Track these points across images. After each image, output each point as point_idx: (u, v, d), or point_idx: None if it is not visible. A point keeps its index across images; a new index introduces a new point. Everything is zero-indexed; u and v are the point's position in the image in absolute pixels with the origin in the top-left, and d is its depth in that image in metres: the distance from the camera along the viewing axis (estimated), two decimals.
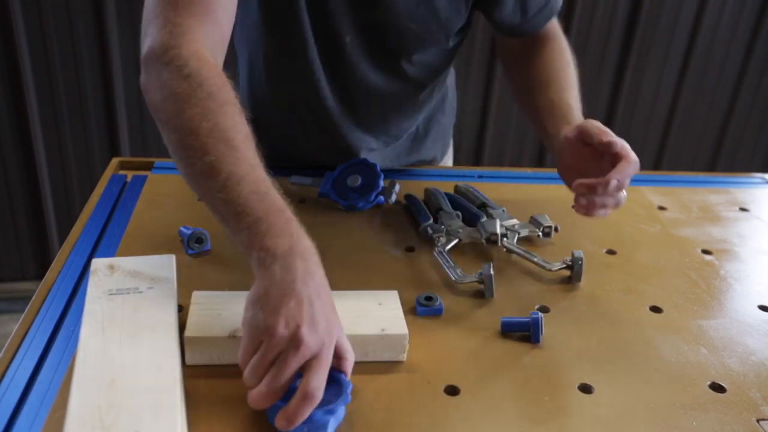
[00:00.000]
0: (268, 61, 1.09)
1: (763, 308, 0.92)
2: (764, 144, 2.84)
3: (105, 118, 2.21)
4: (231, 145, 0.72)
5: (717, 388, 0.77)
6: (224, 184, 0.71)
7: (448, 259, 0.94)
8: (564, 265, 0.94)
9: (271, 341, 0.64)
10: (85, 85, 2.16)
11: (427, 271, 0.94)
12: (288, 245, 0.69)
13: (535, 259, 0.96)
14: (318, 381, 0.63)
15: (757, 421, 0.72)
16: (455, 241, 0.99)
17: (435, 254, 0.96)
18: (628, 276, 0.97)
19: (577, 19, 2.39)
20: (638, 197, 1.20)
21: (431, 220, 1.03)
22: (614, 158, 0.89)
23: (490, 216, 1.03)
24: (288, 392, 0.64)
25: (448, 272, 0.92)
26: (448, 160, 1.36)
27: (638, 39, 2.48)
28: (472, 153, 2.53)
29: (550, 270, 0.94)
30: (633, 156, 0.90)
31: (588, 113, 1.02)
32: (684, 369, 0.79)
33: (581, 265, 0.93)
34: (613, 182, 0.86)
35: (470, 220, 1.04)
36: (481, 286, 0.89)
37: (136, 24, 2.11)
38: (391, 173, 1.21)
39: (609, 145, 0.89)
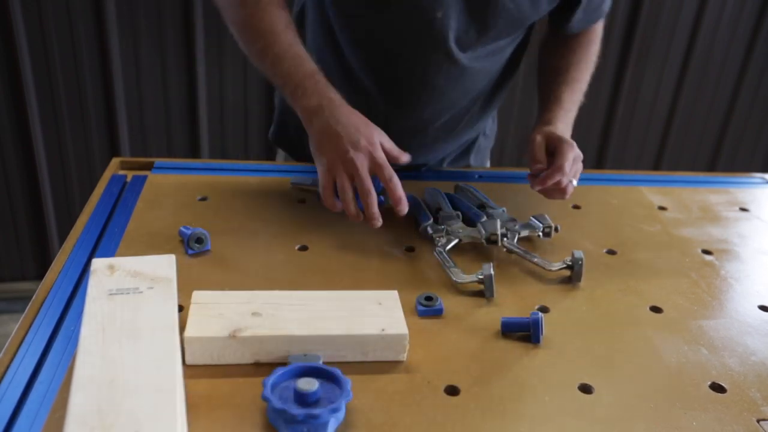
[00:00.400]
0: (345, 26, 1.10)
1: (763, 308, 0.92)
2: (764, 144, 2.84)
3: (105, 118, 2.21)
4: (274, 32, 0.97)
5: (717, 388, 0.77)
6: (272, 63, 0.97)
7: (448, 259, 0.94)
8: (564, 265, 0.94)
9: (338, 173, 0.91)
10: (85, 85, 2.16)
11: (427, 271, 0.94)
12: (317, 102, 0.94)
13: (535, 259, 0.96)
14: (386, 172, 0.91)
15: (758, 421, 0.72)
16: (455, 241, 0.99)
17: (435, 254, 0.96)
18: (628, 276, 0.97)
19: None
20: (638, 197, 1.21)
21: (431, 220, 1.03)
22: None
23: (490, 216, 1.03)
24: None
25: (448, 272, 0.92)
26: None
27: (638, 39, 2.48)
28: None
29: (550, 270, 0.94)
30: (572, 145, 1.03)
31: (588, 113, 1.04)
32: (684, 369, 0.79)
33: (581, 265, 0.93)
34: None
35: (470, 220, 1.04)
36: (481, 286, 0.89)
37: (136, 24, 2.11)
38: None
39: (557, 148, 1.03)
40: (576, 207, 1.15)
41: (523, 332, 0.82)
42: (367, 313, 0.78)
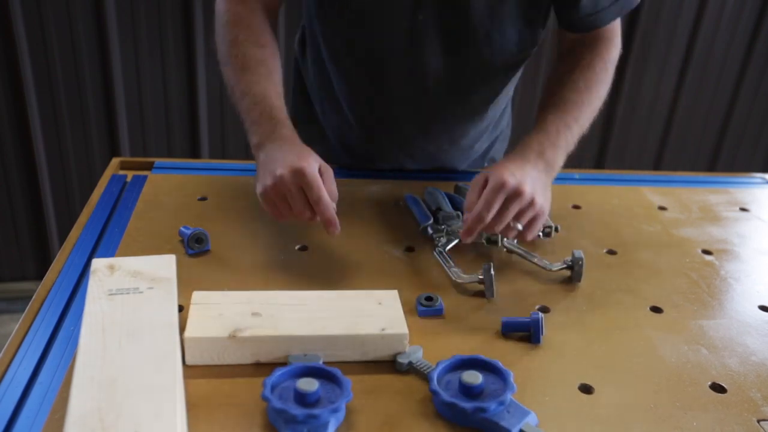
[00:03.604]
0: (328, 38, 1.11)
1: (763, 308, 0.92)
2: (764, 144, 2.84)
3: (105, 118, 2.21)
4: (244, 69, 0.99)
5: (717, 388, 0.77)
6: (238, 98, 0.98)
7: (448, 259, 0.94)
8: (564, 265, 0.94)
9: (273, 198, 0.88)
10: (85, 85, 2.16)
11: (427, 271, 0.94)
12: (263, 139, 0.93)
13: (535, 259, 0.96)
14: (314, 193, 0.85)
15: (758, 421, 0.72)
16: (455, 241, 0.99)
17: (435, 254, 0.96)
18: (628, 276, 0.97)
19: None
20: (638, 197, 1.21)
21: (431, 220, 1.03)
22: None
23: None
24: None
25: (448, 272, 0.92)
26: None
27: (638, 39, 2.48)
28: None
29: (550, 270, 0.94)
30: (493, 182, 0.87)
31: None
32: (684, 369, 0.79)
33: (581, 265, 0.93)
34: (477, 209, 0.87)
35: None
36: (481, 286, 0.89)
37: (136, 24, 2.11)
38: (392, 173, 1.21)
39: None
40: (576, 207, 1.15)
41: (523, 332, 0.82)
42: (367, 313, 0.78)
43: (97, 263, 0.80)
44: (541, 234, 1.02)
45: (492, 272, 0.88)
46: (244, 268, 0.92)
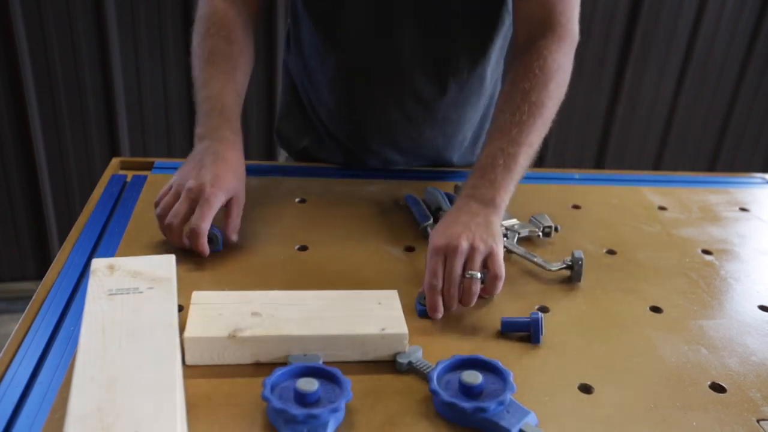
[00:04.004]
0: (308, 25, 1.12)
1: (763, 308, 0.92)
2: (764, 144, 2.84)
3: (105, 118, 2.21)
4: (208, 62, 1.01)
5: (717, 388, 0.77)
6: (197, 90, 1.00)
7: None
8: (564, 265, 0.94)
9: (172, 194, 0.93)
10: (85, 85, 2.16)
11: None
12: (205, 132, 0.96)
13: (535, 259, 0.96)
14: (196, 213, 0.90)
15: (757, 421, 0.72)
16: None
17: None
18: (628, 276, 0.97)
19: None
20: (638, 197, 1.21)
21: (431, 220, 1.03)
22: None
23: None
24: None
25: None
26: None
27: (638, 39, 2.48)
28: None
29: (550, 270, 0.94)
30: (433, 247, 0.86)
31: (588, 113, 1.01)
32: (684, 369, 0.79)
33: (581, 265, 0.93)
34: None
35: None
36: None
37: (136, 24, 2.11)
38: (392, 173, 1.21)
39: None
40: (576, 207, 1.15)
41: (523, 332, 0.82)
42: (367, 313, 0.78)
43: (97, 263, 0.80)
44: (541, 234, 1.02)
45: None
46: (244, 268, 0.92)
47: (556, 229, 1.03)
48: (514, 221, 1.03)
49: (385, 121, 1.17)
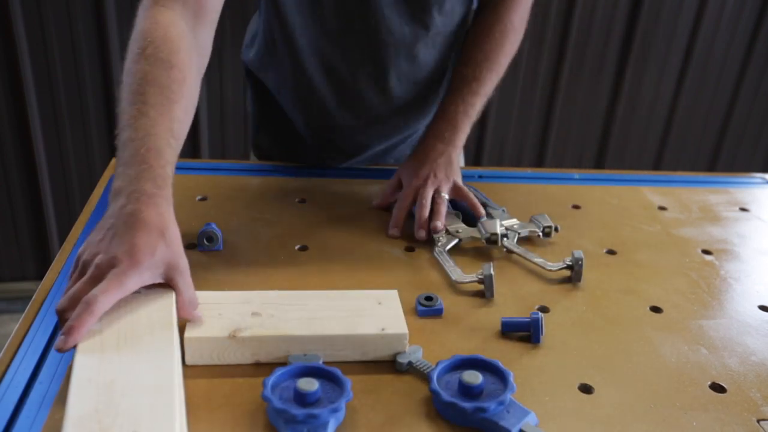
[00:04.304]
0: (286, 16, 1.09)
1: (763, 308, 0.92)
2: (764, 144, 2.84)
3: (105, 118, 2.21)
4: (139, 93, 0.80)
5: (717, 388, 0.77)
6: (121, 128, 0.79)
7: (448, 259, 0.94)
8: (564, 265, 0.94)
9: (80, 266, 0.72)
10: (85, 85, 2.16)
11: (427, 271, 0.94)
12: (125, 185, 0.74)
13: (535, 259, 0.96)
14: (85, 299, 0.66)
15: (758, 421, 0.72)
16: (455, 241, 0.99)
17: (435, 254, 0.96)
18: (628, 276, 0.97)
19: (577, 19, 2.39)
20: (638, 197, 1.21)
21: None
22: None
23: (490, 216, 1.03)
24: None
25: (448, 272, 0.92)
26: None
27: (638, 39, 2.48)
28: (471, 153, 2.53)
29: (550, 270, 0.94)
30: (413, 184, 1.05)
31: (588, 113, 1.02)
32: (684, 369, 0.79)
33: (581, 265, 0.93)
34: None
35: (470, 220, 1.04)
36: (481, 286, 0.89)
37: None
38: (392, 173, 1.21)
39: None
40: (576, 207, 1.15)
41: (523, 332, 0.82)
42: (367, 313, 0.78)
43: None
44: (541, 234, 1.02)
45: (492, 272, 0.88)
46: (244, 268, 0.92)
47: (556, 229, 1.03)
48: (514, 221, 1.03)
49: (365, 107, 1.17)
